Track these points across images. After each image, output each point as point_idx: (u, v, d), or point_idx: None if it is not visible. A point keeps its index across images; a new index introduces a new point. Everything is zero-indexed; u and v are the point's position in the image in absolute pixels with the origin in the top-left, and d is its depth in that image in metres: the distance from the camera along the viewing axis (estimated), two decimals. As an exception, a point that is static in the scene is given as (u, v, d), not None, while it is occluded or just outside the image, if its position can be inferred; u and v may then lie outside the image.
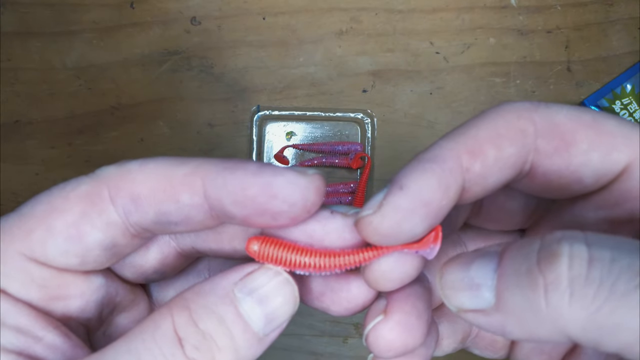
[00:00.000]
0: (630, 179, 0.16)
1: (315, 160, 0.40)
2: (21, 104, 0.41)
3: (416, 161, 0.16)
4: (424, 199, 0.15)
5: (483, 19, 0.40)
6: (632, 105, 0.38)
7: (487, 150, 0.16)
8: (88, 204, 0.17)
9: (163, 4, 0.41)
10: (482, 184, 0.16)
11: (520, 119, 0.16)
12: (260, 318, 0.16)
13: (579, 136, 0.16)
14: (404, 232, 0.16)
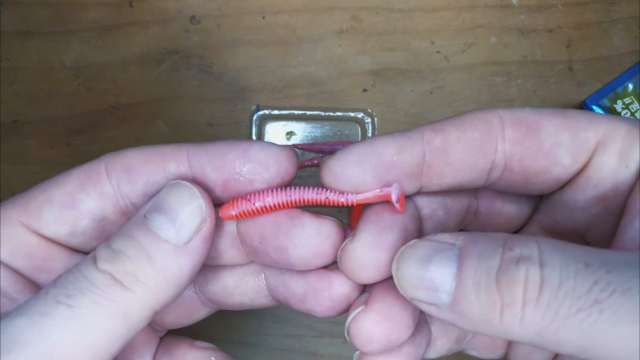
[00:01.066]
0: (605, 153, 0.18)
1: (315, 160, 0.40)
2: (20, 103, 0.41)
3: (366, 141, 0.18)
4: (376, 149, 0.18)
5: (484, 18, 0.40)
6: (633, 104, 0.38)
7: (450, 130, 0.18)
8: (85, 176, 0.19)
9: (162, 3, 0.41)
10: (446, 159, 0.18)
11: (486, 113, 0.18)
12: (167, 225, 0.17)
13: (544, 122, 0.17)
14: (352, 175, 0.18)
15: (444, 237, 0.16)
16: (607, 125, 0.18)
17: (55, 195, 0.18)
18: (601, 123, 0.18)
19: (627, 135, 0.17)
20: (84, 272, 0.16)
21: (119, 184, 0.19)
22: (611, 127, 0.18)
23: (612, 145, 0.18)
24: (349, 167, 0.18)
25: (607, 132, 0.18)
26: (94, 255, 0.17)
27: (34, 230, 0.18)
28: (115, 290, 0.16)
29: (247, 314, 0.40)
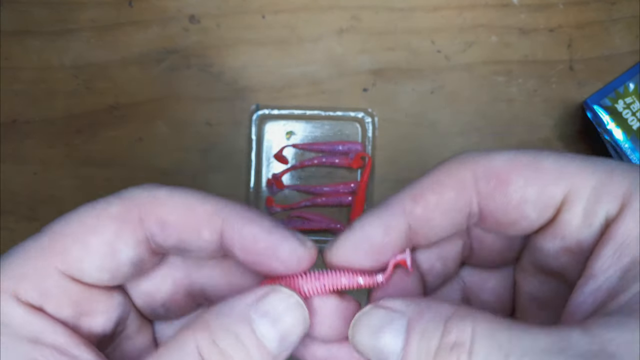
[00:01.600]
0: (570, 210, 0.18)
1: (315, 159, 0.40)
2: (19, 103, 0.41)
3: (372, 209, 0.20)
4: (367, 237, 0.19)
5: (485, 18, 0.40)
6: (635, 104, 0.38)
7: (428, 196, 0.19)
8: (121, 224, 0.19)
9: (161, 2, 0.40)
10: (429, 225, 0.19)
11: (459, 169, 0.19)
12: (274, 338, 0.18)
13: (514, 175, 0.18)
14: (353, 263, 0.20)
15: (396, 305, 0.18)
16: (576, 178, 0.18)
17: (93, 244, 0.19)
18: (570, 176, 0.18)
19: (593, 193, 0.18)
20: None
21: (153, 236, 0.19)
22: (580, 181, 0.18)
23: (577, 202, 0.18)
24: (346, 258, 0.20)
25: (574, 188, 0.18)
26: (200, 353, 0.17)
27: (76, 279, 0.19)
28: None
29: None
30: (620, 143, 0.37)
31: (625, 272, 0.17)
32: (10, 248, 0.42)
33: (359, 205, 0.39)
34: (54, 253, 0.18)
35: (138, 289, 0.21)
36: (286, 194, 0.40)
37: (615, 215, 0.18)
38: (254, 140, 0.40)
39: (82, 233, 0.19)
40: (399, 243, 0.20)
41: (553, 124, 0.40)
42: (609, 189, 0.18)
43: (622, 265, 0.17)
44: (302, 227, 0.40)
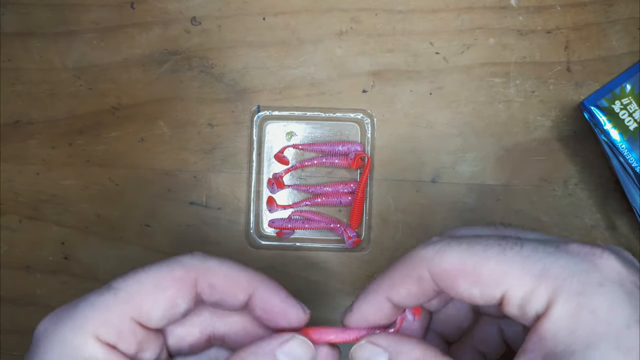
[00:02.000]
0: (509, 305, 0.23)
1: (315, 160, 0.40)
2: (22, 104, 0.41)
3: (362, 292, 0.27)
4: (364, 316, 0.27)
5: (483, 20, 0.40)
6: (631, 105, 0.38)
7: (399, 289, 0.25)
8: (181, 284, 0.25)
9: (163, 4, 0.41)
10: (408, 303, 0.26)
11: (418, 268, 0.25)
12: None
13: (461, 279, 0.23)
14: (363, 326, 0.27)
15: (382, 342, 0.26)
16: (512, 282, 0.22)
17: (160, 300, 0.24)
18: (506, 280, 0.23)
19: (525, 296, 0.22)
20: None
21: (202, 294, 0.25)
22: (515, 285, 0.22)
23: (513, 302, 0.23)
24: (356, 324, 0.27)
25: (509, 291, 0.23)
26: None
27: (143, 325, 0.24)
28: None
29: (247, 313, 0.40)
30: (617, 144, 0.37)
31: (545, 358, 0.22)
32: (12, 248, 0.42)
33: (358, 205, 0.39)
34: (131, 305, 0.24)
35: (174, 333, 0.27)
36: (286, 193, 0.41)
37: (542, 312, 0.22)
38: (255, 140, 0.40)
39: (153, 291, 0.24)
40: (388, 313, 0.26)
41: (550, 124, 0.40)
42: (538, 293, 0.22)
43: (542, 353, 0.22)
44: (302, 227, 0.40)
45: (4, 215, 0.41)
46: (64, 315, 0.23)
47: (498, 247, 0.23)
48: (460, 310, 0.30)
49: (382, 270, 0.41)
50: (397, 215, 0.40)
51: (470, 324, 0.30)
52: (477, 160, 0.40)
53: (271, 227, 0.40)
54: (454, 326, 0.30)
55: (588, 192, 0.40)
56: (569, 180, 0.40)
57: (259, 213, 0.40)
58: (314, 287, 0.40)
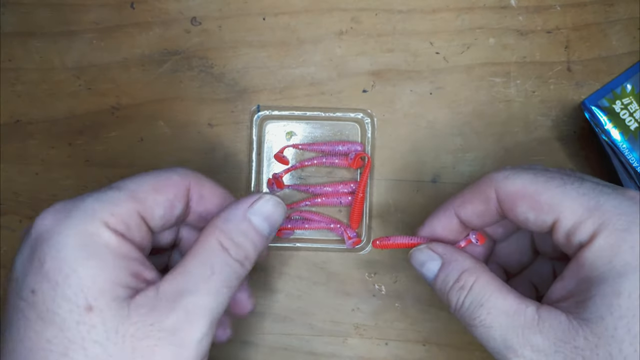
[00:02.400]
0: (557, 232, 0.26)
1: (315, 160, 0.40)
2: (21, 104, 0.41)
3: (435, 210, 0.31)
4: (433, 229, 0.31)
5: (483, 19, 0.40)
6: (632, 105, 0.38)
7: (466, 206, 0.29)
8: (178, 189, 0.28)
9: (163, 4, 0.41)
10: (472, 222, 0.30)
11: (487, 187, 0.28)
12: (266, 226, 0.28)
13: (519, 203, 0.27)
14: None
15: (438, 249, 0.29)
16: (564, 212, 0.25)
17: (160, 200, 0.27)
18: (559, 210, 0.25)
19: (573, 226, 0.25)
20: (226, 261, 0.26)
21: (192, 201, 0.29)
22: (565, 215, 0.25)
23: (561, 230, 0.26)
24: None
25: (560, 220, 0.25)
26: (224, 246, 0.27)
27: (146, 222, 0.27)
28: (241, 270, 0.27)
29: (247, 314, 0.40)
30: (617, 143, 0.37)
31: (578, 284, 0.25)
32: (12, 248, 0.42)
33: (358, 205, 0.39)
34: (138, 203, 0.26)
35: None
36: (286, 193, 0.41)
37: (585, 243, 0.25)
38: (254, 140, 0.40)
39: (156, 192, 0.27)
40: (455, 229, 0.30)
41: (551, 124, 0.40)
42: (586, 224, 0.24)
43: (577, 278, 0.25)
44: (302, 227, 0.40)
45: (4, 215, 0.41)
46: (71, 208, 0.25)
47: (560, 180, 0.26)
48: (522, 245, 0.32)
49: (382, 269, 0.41)
50: (397, 215, 0.40)
51: (529, 261, 0.33)
52: (477, 160, 0.40)
53: (271, 227, 0.40)
54: (514, 260, 0.33)
55: (589, 192, 0.40)
56: (569, 180, 0.40)
57: (259, 213, 0.40)
58: (314, 287, 0.40)
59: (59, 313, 0.23)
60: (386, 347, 0.40)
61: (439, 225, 0.30)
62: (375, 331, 0.40)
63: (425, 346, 0.40)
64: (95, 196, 0.26)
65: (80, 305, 0.23)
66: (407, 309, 0.40)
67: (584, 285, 0.24)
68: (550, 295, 0.26)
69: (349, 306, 0.40)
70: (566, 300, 0.25)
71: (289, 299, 0.40)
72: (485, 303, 0.26)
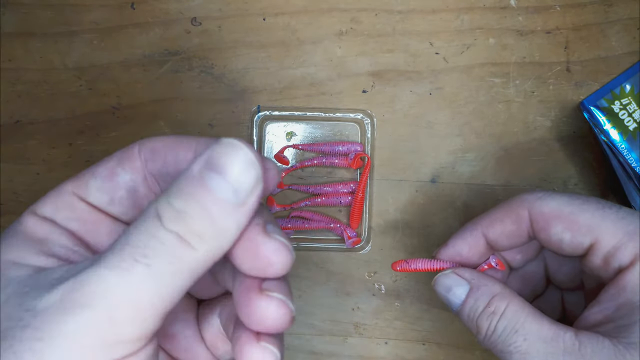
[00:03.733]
0: (594, 255, 0.26)
1: (315, 160, 0.40)
2: (22, 104, 0.41)
3: (460, 229, 0.30)
4: (458, 250, 0.30)
5: (482, 20, 0.40)
6: (631, 105, 0.38)
7: (496, 226, 0.28)
8: (123, 154, 0.23)
9: (163, 4, 0.41)
10: (500, 243, 0.29)
11: (519, 208, 0.27)
12: (227, 187, 0.19)
13: (556, 222, 0.26)
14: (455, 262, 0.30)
15: (465, 275, 0.28)
16: (603, 234, 0.25)
17: (98, 170, 0.23)
18: (598, 232, 0.25)
19: (613, 248, 0.25)
20: (154, 232, 0.18)
21: (146, 162, 0.23)
22: (605, 238, 0.25)
23: (599, 253, 0.25)
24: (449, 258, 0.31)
25: (599, 241, 0.25)
26: (158, 213, 0.18)
27: (82, 199, 0.22)
28: (183, 249, 0.18)
29: (247, 313, 0.40)
30: (616, 144, 0.38)
31: (619, 308, 0.24)
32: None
33: (358, 205, 0.39)
34: (71, 179, 0.23)
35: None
36: (286, 193, 0.41)
37: (625, 266, 0.24)
38: (255, 140, 0.40)
39: (95, 165, 0.23)
40: (481, 251, 0.29)
41: (550, 124, 0.40)
42: (626, 247, 0.24)
43: (617, 303, 0.24)
44: (302, 227, 0.40)
45: (4, 215, 0.41)
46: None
47: (597, 204, 0.26)
48: (537, 273, 0.32)
49: (382, 268, 0.41)
50: (397, 215, 0.40)
51: (541, 290, 0.33)
52: (476, 160, 0.40)
53: (271, 227, 0.40)
54: (528, 289, 0.32)
55: (587, 192, 0.40)
56: (568, 180, 0.40)
57: (259, 213, 0.40)
58: (314, 286, 0.40)
59: None
60: (386, 346, 0.40)
61: (465, 245, 0.29)
62: (375, 330, 0.40)
63: (425, 345, 0.40)
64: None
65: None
66: (407, 308, 0.40)
67: (626, 309, 0.24)
68: (585, 320, 0.26)
69: (349, 305, 0.40)
70: (605, 325, 0.24)
71: (289, 299, 0.40)
72: (520, 329, 0.25)
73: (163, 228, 0.18)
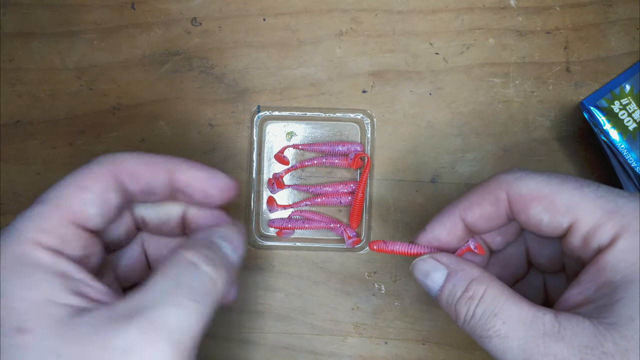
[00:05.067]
0: (573, 235, 0.25)
1: (315, 160, 0.40)
2: (22, 104, 0.41)
3: (438, 214, 0.29)
4: (436, 235, 0.29)
5: (482, 20, 0.40)
6: (630, 105, 0.38)
7: (474, 209, 0.28)
8: (104, 179, 0.25)
9: (164, 4, 0.41)
10: (479, 226, 0.28)
11: (497, 189, 0.27)
12: (233, 252, 0.26)
13: (535, 203, 0.26)
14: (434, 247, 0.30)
15: (442, 259, 0.28)
16: (581, 214, 0.24)
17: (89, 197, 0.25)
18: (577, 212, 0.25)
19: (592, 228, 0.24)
20: (194, 272, 0.24)
21: (128, 184, 0.26)
22: (583, 217, 0.24)
23: (578, 232, 0.25)
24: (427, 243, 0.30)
25: (577, 221, 0.25)
26: (189, 259, 0.24)
27: (82, 226, 0.24)
28: (214, 285, 0.24)
29: (247, 312, 0.40)
30: (616, 144, 0.38)
31: (599, 288, 0.24)
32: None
33: (358, 205, 0.39)
34: (66, 210, 0.24)
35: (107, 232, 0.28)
36: (286, 193, 0.41)
37: (605, 246, 0.24)
38: (255, 141, 0.40)
39: (80, 192, 0.25)
40: (459, 235, 0.29)
41: (550, 125, 0.40)
42: (605, 227, 0.24)
43: (597, 283, 0.24)
44: (302, 227, 0.40)
45: (4, 215, 0.41)
46: (2, 234, 0.23)
47: (575, 183, 0.25)
48: (517, 257, 0.32)
49: (381, 268, 0.41)
50: (397, 215, 0.40)
51: (522, 274, 0.32)
52: (476, 161, 0.40)
53: (271, 227, 0.40)
54: (509, 272, 0.32)
55: (587, 192, 0.40)
56: (568, 180, 0.40)
57: (259, 213, 0.40)
58: (314, 286, 0.40)
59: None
60: (386, 346, 0.40)
61: (444, 230, 0.29)
62: (375, 330, 0.40)
63: (424, 345, 0.40)
64: (25, 215, 0.24)
65: (13, 327, 0.21)
66: (407, 308, 0.40)
67: (606, 289, 0.23)
68: (565, 301, 0.25)
69: (348, 305, 0.40)
70: (585, 306, 0.24)
71: (289, 299, 0.40)
72: (499, 312, 0.24)
73: (199, 269, 0.24)
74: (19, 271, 0.22)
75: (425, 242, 0.29)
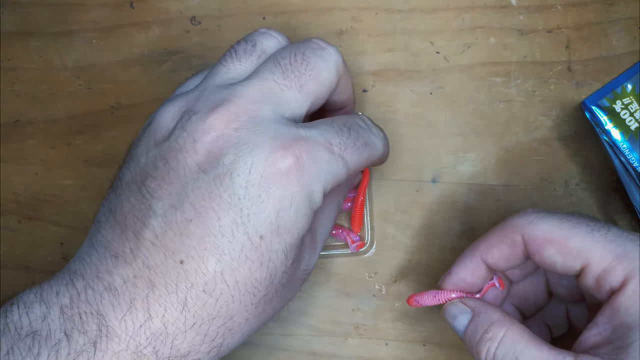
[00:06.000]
0: (586, 277, 0.27)
1: (315, 160, 0.40)
2: (21, 104, 0.41)
3: (460, 257, 0.32)
4: (461, 277, 0.32)
5: (483, 19, 0.40)
6: (632, 104, 0.38)
7: (493, 251, 0.30)
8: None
9: (163, 3, 0.41)
10: (499, 266, 0.30)
11: (513, 233, 0.29)
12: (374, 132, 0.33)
13: (547, 247, 0.28)
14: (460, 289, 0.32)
15: (469, 303, 0.31)
16: (594, 258, 0.26)
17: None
18: (589, 256, 0.26)
19: (604, 271, 0.26)
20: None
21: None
22: (595, 261, 0.26)
23: (591, 275, 0.26)
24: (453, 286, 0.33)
25: (590, 265, 0.26)
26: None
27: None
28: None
29: (247, 314, 0.40)
30: (618, 143, 0.37)
31: (615, 330, 0.25)
32: (11, 248, 0.42)
33: (359, 208, 0.39)
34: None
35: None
36: (286, 194, 0.41)
37: (617, 288, 0.25)
38: (254, 140, 0.40)
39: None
40: (482, 275, 0.31)
41: (551, 124, 0.40)
42: (616, 270, 0.25)
43: (613, 324, 0.25)
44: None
45: (4, 215, 0.41)
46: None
47: (587, 227, 0.27)
48: (537, 287, 0.33)
49: (382, 269, 0.41)
50: (397, 215, 0.40)
51: (543, 303, 0.34)
52: (477, 160, 0.40)
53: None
54: (530, 301, 0.34)
55: (589, 192, 0.40)
56: (570, 180, 0.40)
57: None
58: (314, 287, 0.40)
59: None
60: (386, 347, 0.40)
61: (468, 272, 0.31)
62: (375, 331, 0.40)
63: (425, 346, 0.40)
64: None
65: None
66: (408, 309, 0.40)
67: (621, 330, 0.25)
68: (584, 342, 0.26)
69: (349, 306, 0.40)
70: (604, 347, 0.25)
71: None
72: (520, 355, 0.26)
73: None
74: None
75: (452, 285, 0.32)
